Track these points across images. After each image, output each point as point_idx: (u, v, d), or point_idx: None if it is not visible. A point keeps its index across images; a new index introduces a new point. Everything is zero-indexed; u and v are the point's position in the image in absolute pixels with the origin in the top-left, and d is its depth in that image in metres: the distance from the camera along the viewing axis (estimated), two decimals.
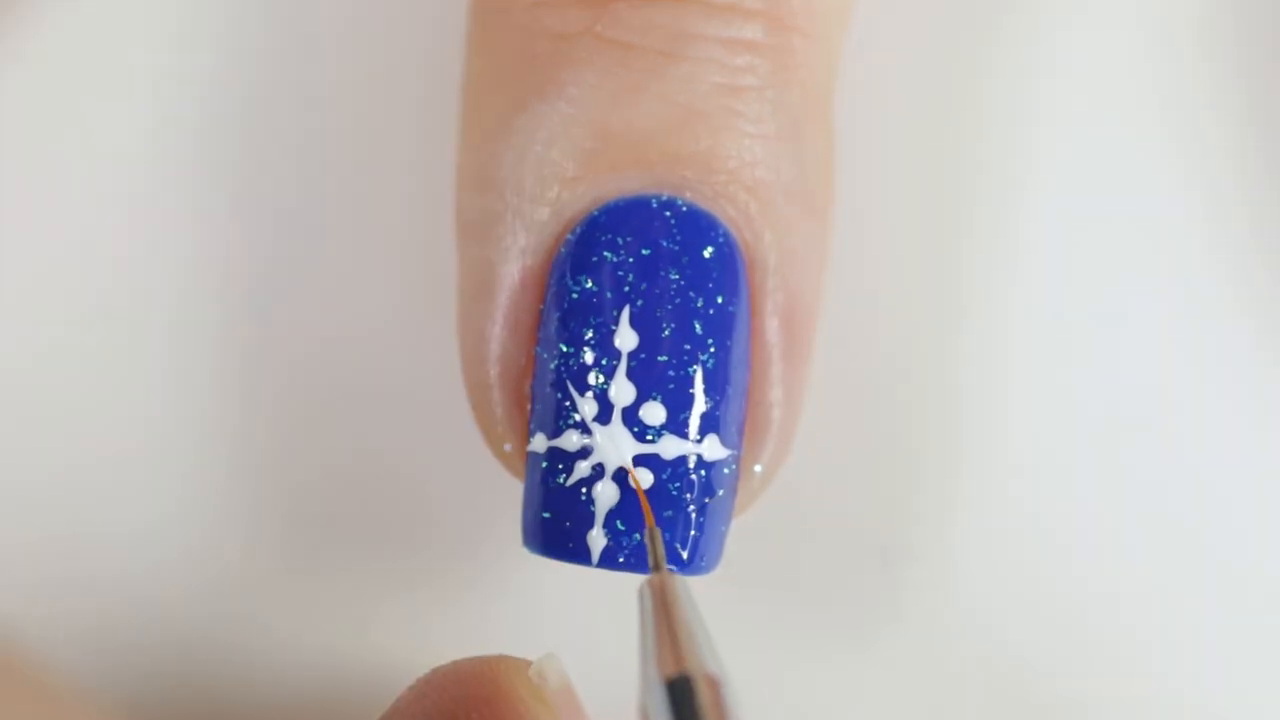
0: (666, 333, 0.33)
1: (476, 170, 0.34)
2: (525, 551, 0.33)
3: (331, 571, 0.36)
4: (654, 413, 0.32)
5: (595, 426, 0.32)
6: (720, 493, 0.33)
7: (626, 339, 0.32)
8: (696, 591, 0.35)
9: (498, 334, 0.33)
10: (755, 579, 0.37)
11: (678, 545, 0.32)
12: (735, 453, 0.33)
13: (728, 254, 0.33)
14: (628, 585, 0.35)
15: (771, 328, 0.34)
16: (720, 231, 0.33)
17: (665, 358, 0.32)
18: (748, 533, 0.35)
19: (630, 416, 0.32)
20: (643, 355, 0.32)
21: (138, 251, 0.36)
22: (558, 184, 0.33)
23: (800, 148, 0.34)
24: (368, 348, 0.37)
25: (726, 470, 0.33)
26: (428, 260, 0.36)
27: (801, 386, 0.34)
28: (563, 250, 0.33)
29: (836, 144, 0.35)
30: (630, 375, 0.32)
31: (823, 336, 0.35)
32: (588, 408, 0.32)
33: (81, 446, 0.36)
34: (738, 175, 0.33)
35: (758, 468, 0.34)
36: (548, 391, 0.33)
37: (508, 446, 0.34)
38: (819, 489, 0.37)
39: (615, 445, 0.32)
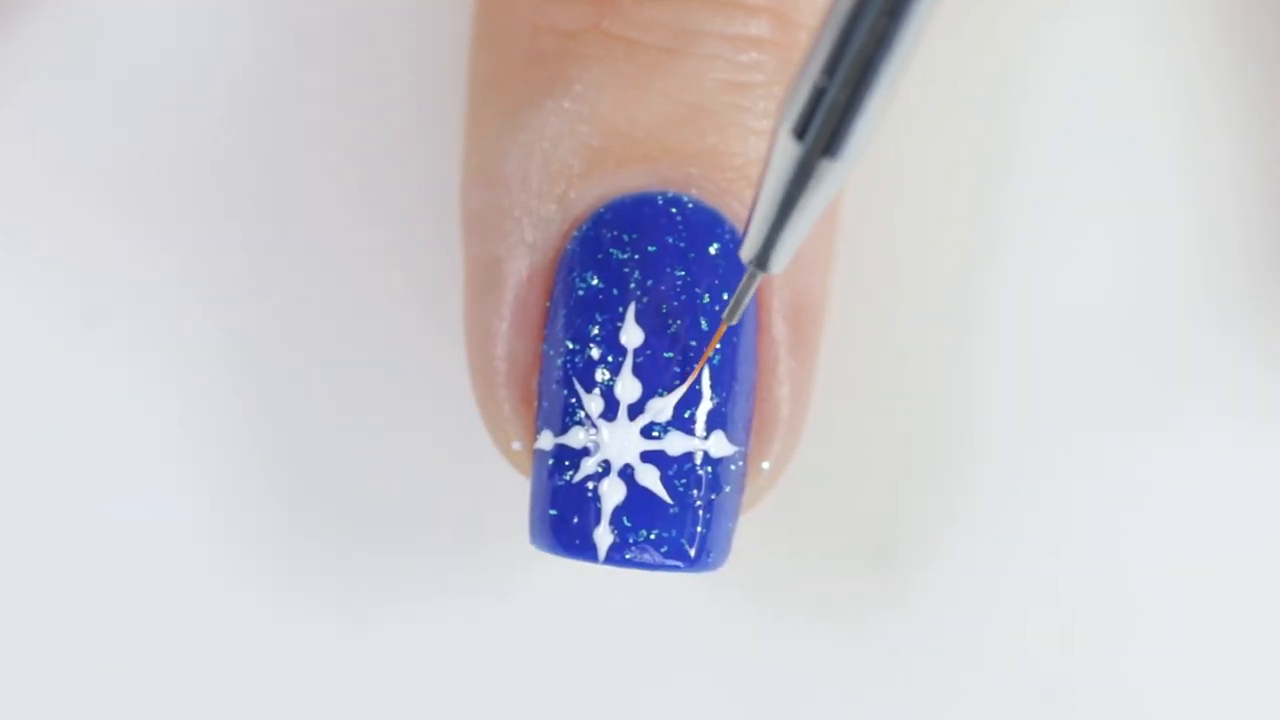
0: (672, 329, 0.32)
1: (483, 167, 0.34)
2: (533, 549, 0.33)
3: (336, 569, 0.36)
4: (660, 409, 0.32)
5: (601, 423, 0.32)
6: (727, 489, 0.33)
7: (632, 336, 0.32)
8: (701, 590, 0.35)
9: (505, 331, 0.33)
10: (759, 576, 0.37)
11: (684, 541, 0.32)
12: (742, 449, 0.33)
13: (734, 250, 0.33)
14: (634, 584, 0.36)
15: (778, 324, 0.34)
16: (726, 228, 0.33)
17: (671, 354, 0.32)
18: (753, 530, 0.35)
19: (636, 413, 0.32)
20: (649, 352, 0.32)
21: (139, 252, 0.36)
22: (564, 181, 0.33)
23: None
24: (374, 344, 0.36)
25: (733, 467, 0.33)
26: (434, 257, 0.36)
27: (809, 383, 0.34)
28: (570, 247, 0.33)
29: None
30: (636, 372, 0.32)
31: (832, 334, 0.35)
32: (593, 405, 0.32)
33: (78, 446, 0.36)
34: (744, 172, 0.33)
35: (765, 464, 0.34)
36: (554, 389, 0.33)
37: (517, 445, 0.34)
38: (826, 486, 0.37)
39: (621, 442, 0.32)
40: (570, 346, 0.33)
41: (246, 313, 0.36)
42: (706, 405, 0.33)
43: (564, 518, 0.32)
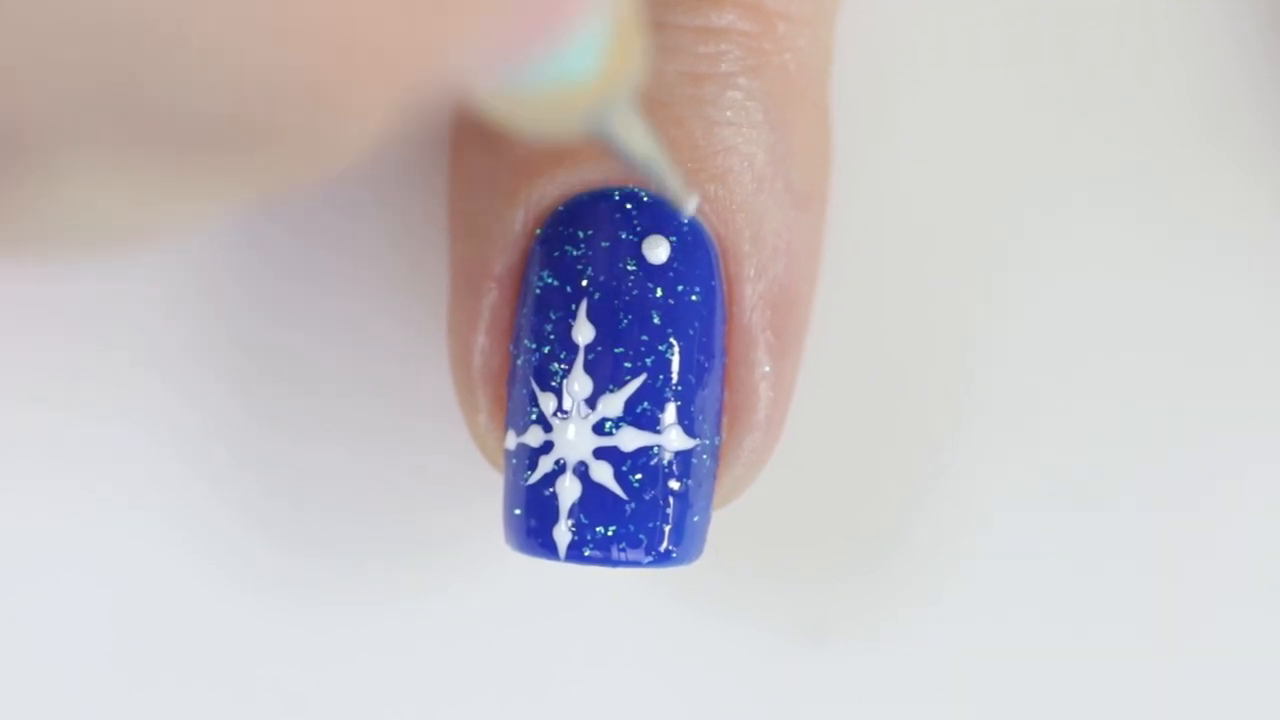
0: (624, 324, 0.32)
1: (462, 169, 0.35)
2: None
3: (327, 572, 0.37)
4: (611, 405, 0.32)
5: (555, 421, 0.32)
6: (690, 483, 0.32)
7: (584, 332, 0.32)
8: (688, 582, 0.35)
9: (479, 333, 0.34)
10: (747, 572, 0.36)
11: (642, 537, 0.32)
12: (706, 442, 0.33)
13: (691, 243, 0.33)
14: (616, 581, 0.36)
15: (753, 315, 0.33)
16: (683, 220, 0.33)
17: (621, 350, 0.32)
18: (740, 525, 0.34)
19: (588, 409, 0.32)
20: (599, 348, 0.32)
21: (133, 255, 0.37)
22: (527, 180, 0.33)
23: (779, 135, 0.34)
24: (368, 345, 0.37)
25: (695, 460, 0.32)
26: (431, 260, 0.37)
27: (789, 376, 0.34)
28: (533, 246, 0.33)
29: (839, 131, 0.35)
30: (588, 368, 0.32)
31: (827, 329, 0.35)
32: (548, 403, 0.32)
33: (70, 444, 0.37)
34: (704, 164, 0.33)
35: (741, 457, 0.33)
36: (516, 388, 0.33)
37: (493, 447, 0.34)
38: (811, 483, 0.36)
39: (574, 439, 0.32)
40: (528, 346, 0.33)
41: (245, 313, 0.37)
42: (661, 399, 0.32)
43: (526, 517, 0.33)
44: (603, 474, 0.32)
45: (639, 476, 0.32)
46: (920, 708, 0.36)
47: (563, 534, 0.32)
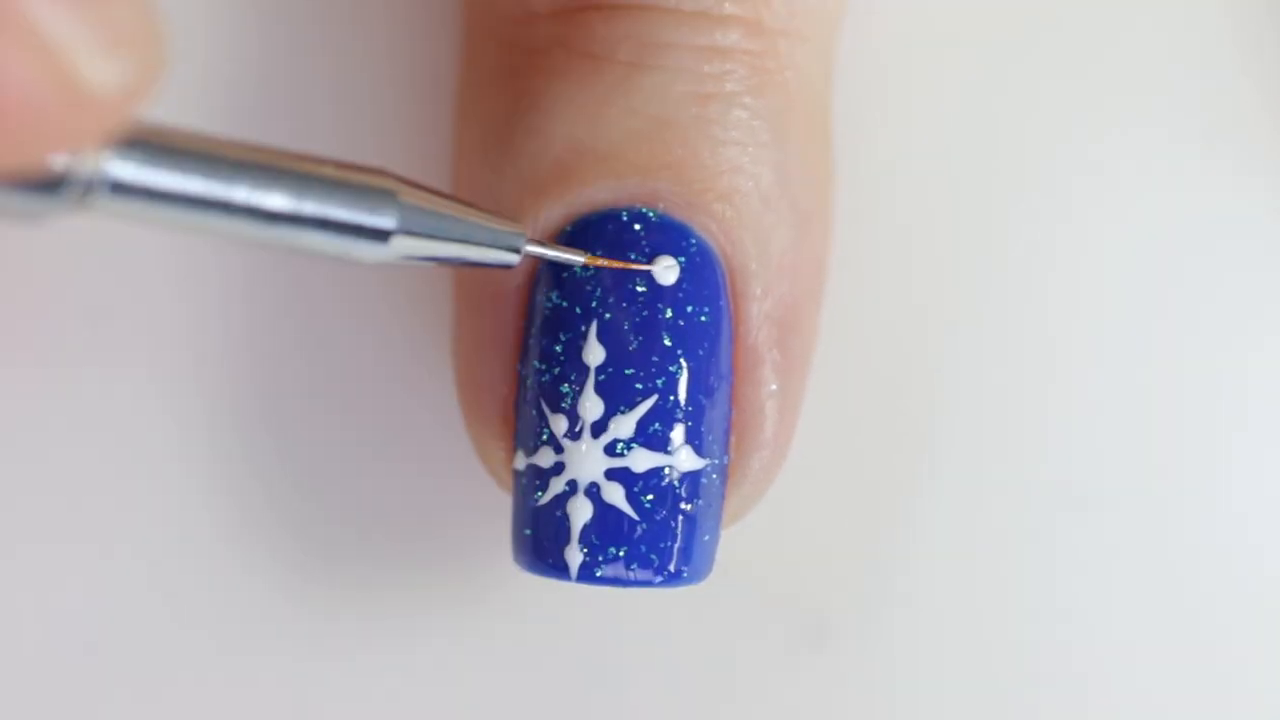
0: (634, 346, 0.32)
1: (464, 188, 0.35)
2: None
3: (331, 591, 0.37)
4: (623, 426, 0.32)
5: (566, 443, 0.32)
6: (700, 503, 0.32)
7: (594, 353, 0.32)
8: (691, 597, 0.35)
9: (485, 353, 0.34)
10: (748, 575, 0.36)
11: (654, 557, 0.32)
12: (716, 462, 0.33)
13: (700, 263, 0.33)
14: (623, 601, 0.36)
15: (760, 334, 0.33)
16: (692, 241, 0.33)
17: (632, 371, 0.32)
18: (744, 532, 0.34)
19: (600, 431, 0.32)
20: (610, 369, 0.32)
21: (133, 255, 0.37)
22: (533, 200, 0.33)
23: (783, 153, 0.34)
24: (372, 356, 0.37)
25: (705, 480, 0.33)
26: (435, 279, 0.36)
27: (796, 393, 0.34)
28: (540, 266, 0.33)
29: (840, 146, 0.35)
30: (599, 389, 0.32)
31: (832, 346, 0.35)
32: (559, 424, 0.32)
33: (71, 447, 0.37)
34: (712, 184, 0.33)
35: (749, 476, 0.33)
36: (525, 409, 0.33)
37: (500, 465, 0.34)
38: (819, 499, 0.36)
39: (585, 461, 0.32)
40: (537, 366, 0.33)
41: (247, 315, 0.37)
42: (671, 420, 0.32)
43: (537, 538, 0.33)
44: (615, 495, 0.32)
45: (650, 497, 0.32)
46: (920, 709, 0.36)
47: (574, 555, 0.32)
